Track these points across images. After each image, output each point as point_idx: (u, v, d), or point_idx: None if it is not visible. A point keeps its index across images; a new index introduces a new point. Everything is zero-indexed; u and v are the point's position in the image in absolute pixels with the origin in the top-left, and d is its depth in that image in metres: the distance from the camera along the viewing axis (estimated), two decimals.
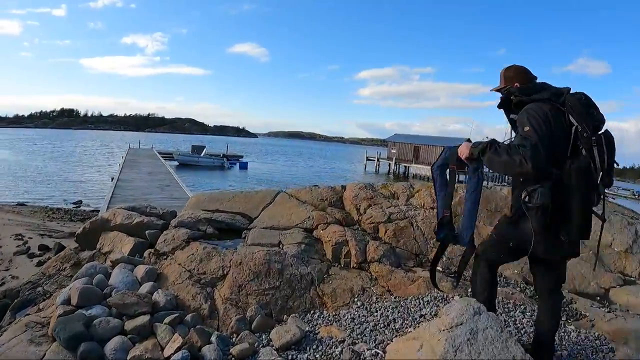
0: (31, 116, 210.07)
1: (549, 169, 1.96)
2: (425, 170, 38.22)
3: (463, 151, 2.21)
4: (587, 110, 2.01)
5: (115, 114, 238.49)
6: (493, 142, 2.04)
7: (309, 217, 4.30)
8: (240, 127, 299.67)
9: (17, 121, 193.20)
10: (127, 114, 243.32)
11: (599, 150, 1.96)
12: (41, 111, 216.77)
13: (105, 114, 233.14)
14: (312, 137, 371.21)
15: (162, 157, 36.85)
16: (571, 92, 2.09)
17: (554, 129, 1.98)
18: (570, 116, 2.01)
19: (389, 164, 44.42)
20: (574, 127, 2.00)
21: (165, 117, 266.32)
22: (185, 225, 3.94)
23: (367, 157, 47.29)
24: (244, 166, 39.39)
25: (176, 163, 35.17)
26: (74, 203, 17.52)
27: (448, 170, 2.39)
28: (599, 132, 2.00)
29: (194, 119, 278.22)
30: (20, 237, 8.76)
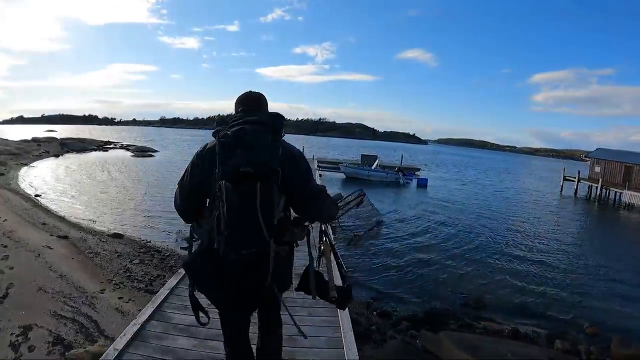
0: (209, 119, 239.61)
1: None
2: None
3: None
4: None
5: (289, 118, 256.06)
6: None
7: None
8: (410, 134, 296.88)
9: (195, 123, 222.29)
10: (300, 119, 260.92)
11: None
12: (218, 115, 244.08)
13: None
14: (483, 145, 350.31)
15: (325, 167, 34.47)
16: None
17: None
18: None
19: (592, 186, 37.36)
20: None
21: (337, 122, 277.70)
22: None
23: (564, 177, 40.79)
24: (423, 183, 33.81)
25: (342, 176, 32.81)
26: (186, 239, 12.61)
27: None
28: None
29: (364, 124, 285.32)
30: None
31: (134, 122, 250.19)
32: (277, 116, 2.30)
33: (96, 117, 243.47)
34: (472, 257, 13.72)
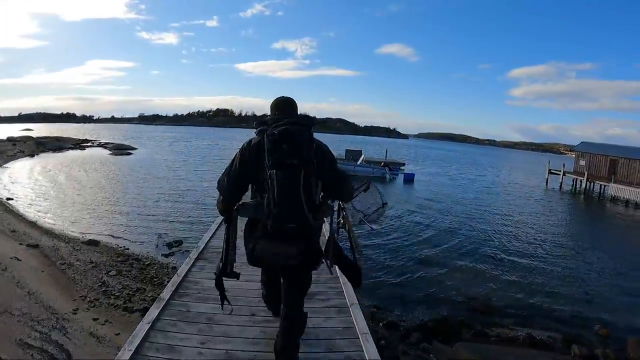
0: (189, 115, 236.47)
1: None
2: (629, 192, 30.99)
3: None
4: None
5: (268, 114, 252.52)
6: None
7: None
8: (391, 128, 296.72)
9: (175, 119, 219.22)
10: None
11: None
12: (198, 111, 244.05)
13: (258, 113, 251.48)
14: (463, 139, 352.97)
15: None
16: None
17: None
18: None
19: (578, 180, 37.40)
20: None
21: (317, 117, 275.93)
22: None
23: (549, 171, 40.67)
24: (409, 178, 33.49)
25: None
26: (168, 245, 11.63)
27: None
28: None
29: (345, 119, 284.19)
30: None
31: (113, 120, 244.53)
32: (309, 118, 2.82)
33: (74, 115, 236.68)
34: (470, 256, 13.16)
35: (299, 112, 2.97)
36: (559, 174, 39.30)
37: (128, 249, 11.25)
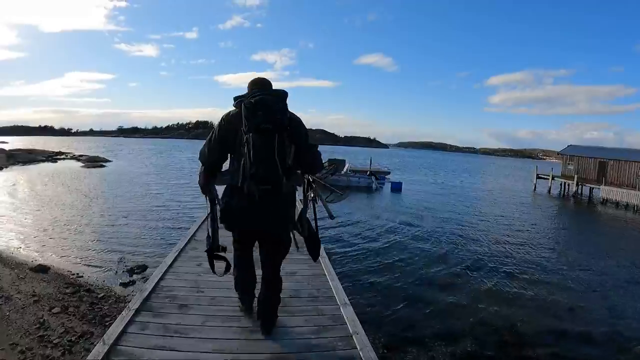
0: (168, 128, 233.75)
1: None
2: (620, 194, 30.23)
3: None
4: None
5: None
6: None
7: None
8: (371, 138, 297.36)
9: (155, 132, 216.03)
10: None
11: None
12: (177, 123, 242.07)
13: None
14: (443, 147, 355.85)
15: None
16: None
17: None
18: None
19: (566, 183, 36.53)
20: None
21: None
22: None
23: (537, 175, 39.72)
24: (397, 187, 31.65)
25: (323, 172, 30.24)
26: (129, 271, 9.64)
27: None
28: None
29: (325, 130, 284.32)
30: None
31: (92, 133, 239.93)
32: (285, 92, 3.01)
33: (52, 127, 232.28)
34: (478, 272, 11.53)
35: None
36: (547, 178, 38.52)
37: (82, 276, 9.25)
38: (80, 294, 8.15)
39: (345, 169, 32.17)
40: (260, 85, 3.05)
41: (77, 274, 9.42)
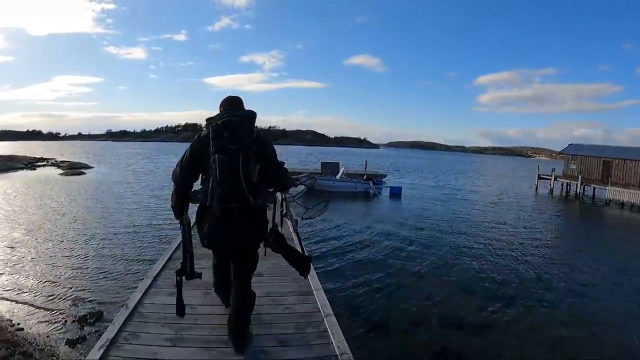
0: (157, 131, 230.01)
1: None
2: (628, 195, 28.57)
3: None
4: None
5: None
6: None
7: None
8: (362, 138, 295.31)
9: (144, 136, 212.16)
10: None
11: None
12: (166, 126, 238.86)
13: None
14: (433, 146, 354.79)
15: None
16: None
17: None
18: None
19: (571, 184, 34.93)
20: None
21: (287, 129, 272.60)
22: None
23: (539, 176, 38.05)
24: (396, 192, 28.61)
25: (301, 188, 26.25)
26: (79, 320, 7.32)
27: None
28: None
29: (314, 131, 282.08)
30: None
31: (80, 137, 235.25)
32: (252, 112, 3.12)
33: (40, 132, 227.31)
34: (505, 295, 9.73)
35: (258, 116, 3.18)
36: (549, 179, 36.94)
37: (22, 329, 7.01)
38: (15, 357, 6.07)
39: (340, 174, 29.95)
40: (229, 106, 3.15)
41: (18, 324, 7.22)
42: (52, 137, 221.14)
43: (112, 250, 12.18)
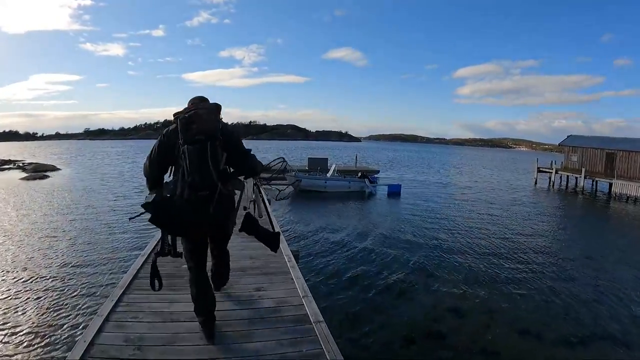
0: (136, 128, 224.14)
1: None
2: (635, 188, 26.60)
3: None
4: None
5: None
6: None
7: None
8: (343, 132, 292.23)
9: (122, 134, 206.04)
10: (230, 123, 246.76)
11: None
12: (145, 123, 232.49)
13: None
14: (414, 139, 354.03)
15: (264, 178, 24.20)
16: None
17: None
18: None
19: (567, 176, 32.93)
20: None
21: (267, 124, 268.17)
22: None
23: (538, 169, 35.92)
24: (395, 190, 25.52)
25: (290, 189, 24.14)
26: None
27: None
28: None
29: (296, 125, 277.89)
30: None
31: (58, 136, 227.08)
32: (217, 105, 3.25)
33: (17, 132, 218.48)
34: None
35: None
36: (549, 172, 34.88)
37: None
38: None
39: (331, 171, 26.99)
40: (196, 102, 3.25)
41: None
42: (30, 137, 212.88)
43: (55, 283, 8.79)
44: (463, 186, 33.66)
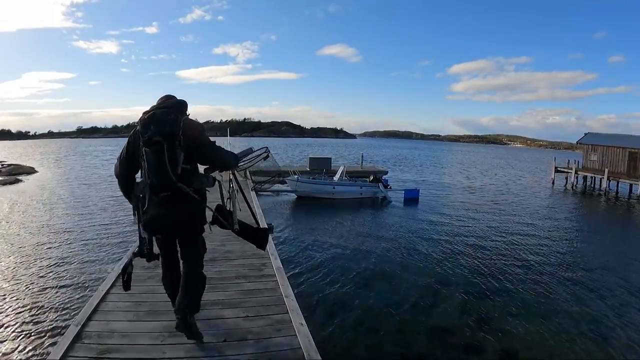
0: (129, 126, 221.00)
1: None
2: None
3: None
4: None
5: (211, 121, 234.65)
6: None
7: None
8: (338, 129, 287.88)
9: (115, 131, 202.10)
10: (224, 120, 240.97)
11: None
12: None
13: (201, 120, 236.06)
14: (408, 135, 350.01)
15: (260, 182, 21.35)
16: None
17: None
18: None
19: (595, 178, 30.16)
20: None
21: (262, 121, 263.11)
22: None
23: (556, 168, 33.15)
24: (413, 196, 22.59)
25: (292, 197, 21.30)
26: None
27: None
28: None
29: (290, 122, 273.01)
30: None
31: (50, 135, 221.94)
32: (179, 102, 3.08)
33: (9, 131, 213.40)
34: None
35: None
36: (567, 172, 32.22)
37: None
38: None
39: (339, 174, 23.24)
40: (162, 101, 3.14)
41: None
42: (22, 136, 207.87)
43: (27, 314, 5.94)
44: (479, 189, 30.52)
